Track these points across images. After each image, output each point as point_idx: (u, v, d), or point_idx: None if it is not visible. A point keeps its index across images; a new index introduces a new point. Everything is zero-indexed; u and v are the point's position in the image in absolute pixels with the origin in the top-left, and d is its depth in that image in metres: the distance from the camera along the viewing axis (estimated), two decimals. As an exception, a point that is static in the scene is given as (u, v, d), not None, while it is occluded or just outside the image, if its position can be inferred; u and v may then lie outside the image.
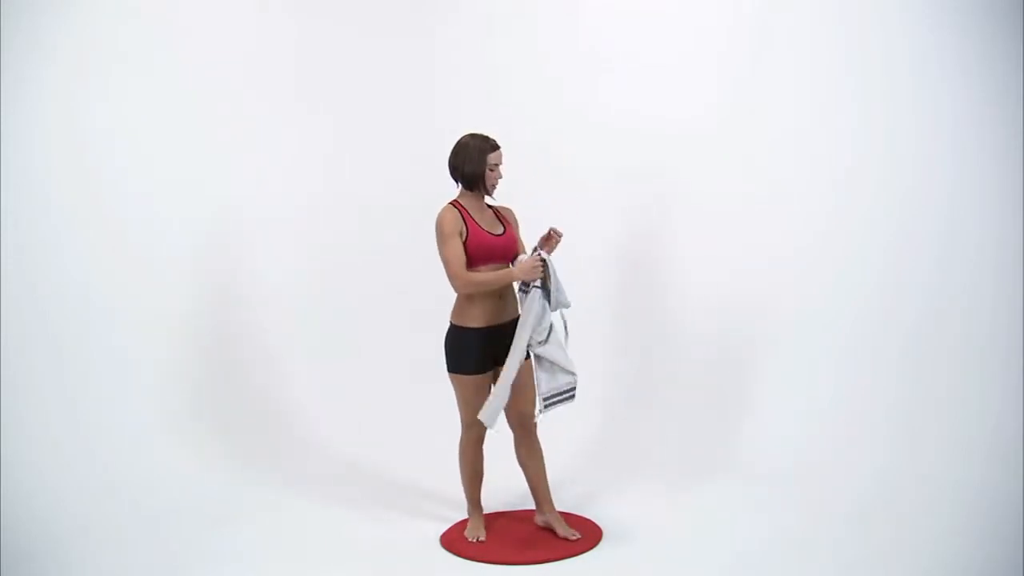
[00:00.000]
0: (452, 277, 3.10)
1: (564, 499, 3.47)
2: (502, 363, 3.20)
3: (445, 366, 3.26)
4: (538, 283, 3.15)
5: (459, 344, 3.21)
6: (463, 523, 3.43)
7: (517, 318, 3.21)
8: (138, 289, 4.12)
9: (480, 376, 3.21)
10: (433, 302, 3.53)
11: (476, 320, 3.18)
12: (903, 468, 3.64)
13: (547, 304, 3.16)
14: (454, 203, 3.21)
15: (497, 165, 3.20)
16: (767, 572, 3.00)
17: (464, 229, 3.14)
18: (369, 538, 3.37)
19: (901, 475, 3.61)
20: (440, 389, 3.37)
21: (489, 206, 3.29)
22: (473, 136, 3.21)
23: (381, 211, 4.70)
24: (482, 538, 3.30)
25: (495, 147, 3.19)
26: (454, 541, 3.31)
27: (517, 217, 3.37)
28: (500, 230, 3.23)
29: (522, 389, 3.25)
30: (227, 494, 3.78)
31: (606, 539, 3.30)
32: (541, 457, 3.34)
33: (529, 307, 3.14)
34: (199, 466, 3.95)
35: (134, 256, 4.12)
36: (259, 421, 4.33)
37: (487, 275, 3.12)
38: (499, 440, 3.36)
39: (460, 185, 3.24)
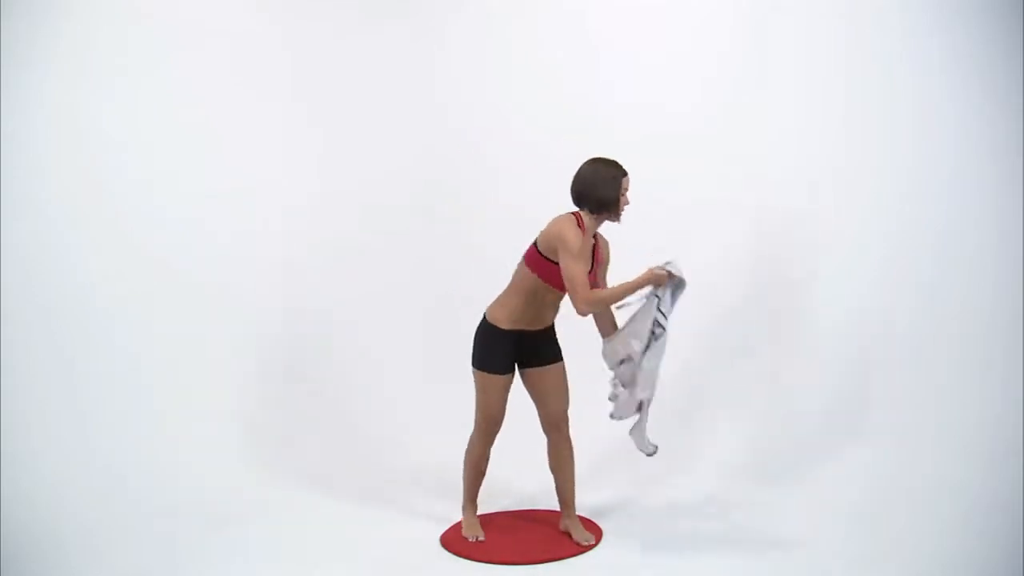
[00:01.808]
0: (578, 296, 2.99)
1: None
2: (527, 366, 3.24)
3: (471, 359, 3.26)
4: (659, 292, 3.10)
5: (489, 341, 3.21)
6: (463, 523, 3.43)
7: (548, 327, 3.24)
8: (139, 289, 4.11)
9: (503, 377, 3.22)
10: (434, 301, 3.55)
11: (510, 322, 3.18)
12: (903, 468, 3.63)
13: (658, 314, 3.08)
14: (578, 219, 3.11)
15: (627, 191, 3.15)
16: (767, 572, 3.00)
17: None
18: (369, 538, 3.37)
19: (901, 475, 3.60)
20: (441, 389, 3.38)
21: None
22: (604, 162, 3.13)
23: (381, 210, 4.70)
24: (481, 537, 3.30)
25: (625, 172, 3.15)
26: (454, 541, 3.32)
27: (610, 252, 3.30)
28: (589, 266, 3.15)
29: (552, 392, 3.27)
30: (228, 494, 3.78)
31: (606, 539, 3.30)
32: (571, 462, 3.34)
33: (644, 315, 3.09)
34: (200, 466, 3.95)
35: (135, 256, 4.12)
36: (259, 420, 4.32)
37: (614, 289, 3.06)
38: (505, 440, 3.36)
39: (587, 209, 3.13)
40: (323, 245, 4.65)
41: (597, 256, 3.21)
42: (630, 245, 4.44)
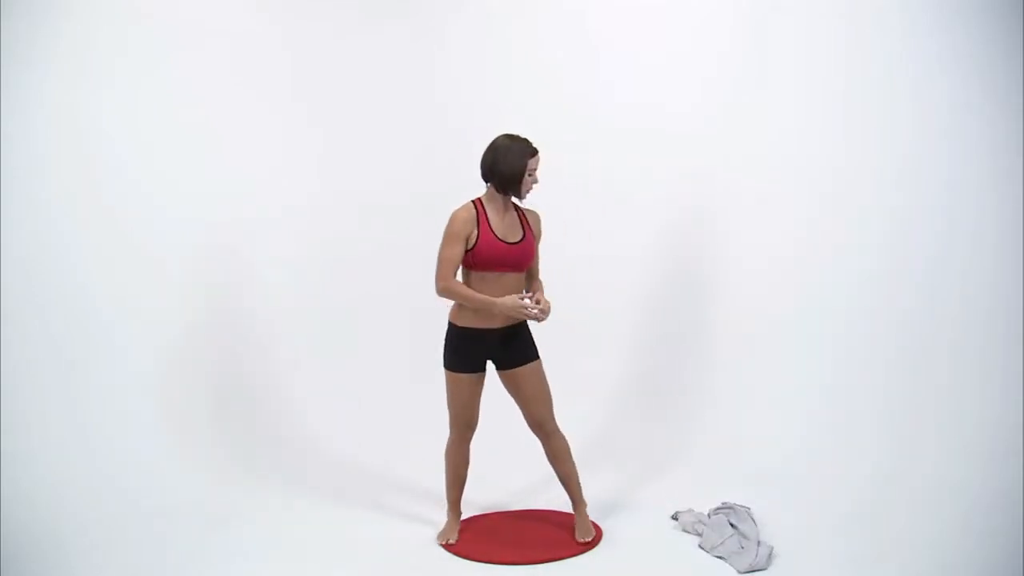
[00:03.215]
0: (436, 278, 3.12)
1: (562, 500, 3.47)
2: (502, 367, 3.23)
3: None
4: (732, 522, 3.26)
5: (452, 341, 3.23)
6: (462, 524, 3.43)
7: (514, 325, 3.21)
8: (138, 289, 4.11)
9: (470, 375, 3.22)
10: (433, 301, 3.52)
11: (468, 320, 3.19)
12: (903, 468, 3.63)
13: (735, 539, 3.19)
14: (475, 202, 3.18)
15: (534, 170, 3.15)
16: (767, 572, 3.00)
17: (475, 232, 3.12)
18: (369, 538, 3.37)
19: (901, 475, 3.60)
20: (439, 389, 3.37)
21: (517, 209, 3.26)
22: (513, 138, 3.15)
23: (381, 210, 4.70)
24: (452, 541, 3.31)
25: (535, 152, 3.15)
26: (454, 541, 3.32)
27: (542, 225, 3.32)
28: (517, 237, 3.18)
29: (529, 392, 3.26)
30: (227, 494, 3.78)
31: (606, 539, 3.30)
32: (566, 457, 3.33)
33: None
34: (199, 466, 3.95)
35: (134, 255, 4.12)
36: (259, 421, 4.33)
37: (467, 291, 3.11)
38: (502, 440, 3.36)
39: (490, 185, 3.19)
40: (323, 245, 4.65)
41: (528, 233, 3.21)
42: (633, 244, 4.48)
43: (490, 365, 3.27)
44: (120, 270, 4.07)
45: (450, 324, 3.23)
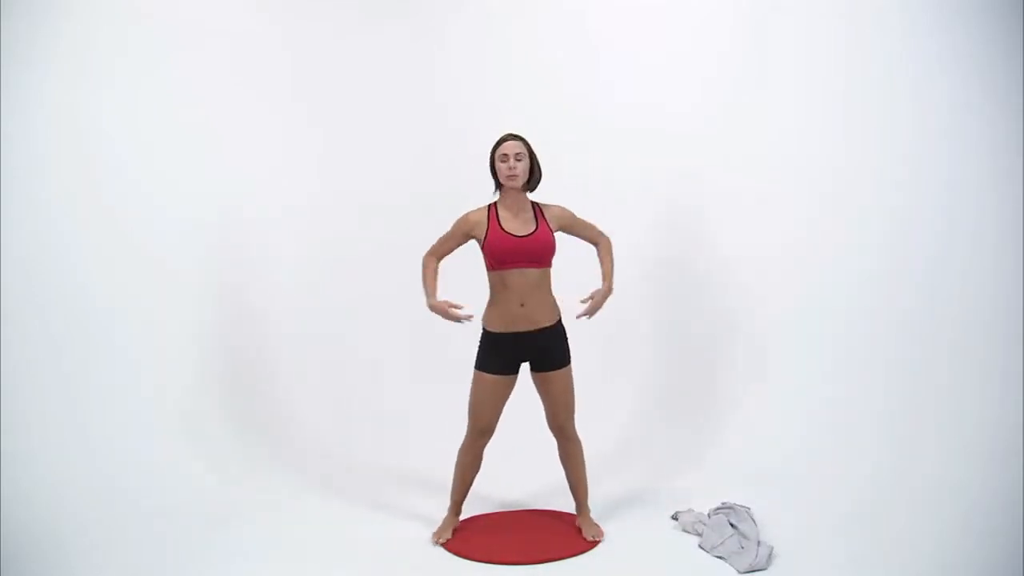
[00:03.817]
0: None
1: (564, 501, 3.48)
2: (536, 368, 3.26)
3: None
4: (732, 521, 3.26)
5: (485, 343, 3.27)
6: (462, 523, 3.43)
7: (546, 327, 3.23)
8: (139, 289, 4.12)
9: (499, 377, 3.23)
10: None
11: (495, 324, 3.23)
12: (903, 468, 3.63)
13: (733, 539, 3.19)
14: (490, 205, 3.27)
15: (508, 156, 3.18)
16: (767, 572, 3.00)
17: (483, 231, 3.20)
18: (369, 538, 3.37)
19: (901, 475, 3.60)
20: (440, 389, 3.38)
21: (535, 204, 3.29)
22: None
23: (381, 210, 4.70)
24: (445, 539, 3.32)
25: (503, 140, 3.21)
26: (454, 541, 3.32)
27: (569, 210, 3.34)
28: (528, 231, 3.21)
29: (556, 397, 3.28)
30: (227, 494, 3.78)
31: (606, 539, 3.30)
32: (577, 461, 3.37)
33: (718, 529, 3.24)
34: (199, 466, 3.95)
35: (135, 256, 4.12)
36: (259, 421, 4.33)
37: (426, 273, 3.32)
38: (505, 443, 3.36)
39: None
40: (322, 245, 4.65)
41: (542, 224, 3.23)
42: (632, 244, 4.47)
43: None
44: (120, 270, 4.08)
45: (483, 330, 3.28)
